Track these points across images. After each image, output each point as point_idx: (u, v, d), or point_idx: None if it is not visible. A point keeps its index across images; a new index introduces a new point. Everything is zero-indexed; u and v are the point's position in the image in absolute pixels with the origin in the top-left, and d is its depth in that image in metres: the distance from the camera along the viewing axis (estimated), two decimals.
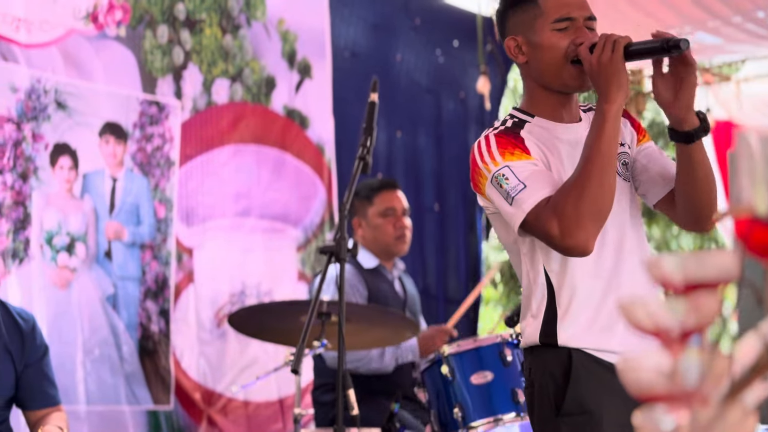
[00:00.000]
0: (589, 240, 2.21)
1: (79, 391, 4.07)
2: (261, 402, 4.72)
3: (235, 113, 4.77)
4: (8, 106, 3.94)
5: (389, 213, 4.27)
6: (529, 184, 2.25)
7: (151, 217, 4.42)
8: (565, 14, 2.34)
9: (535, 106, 2.41)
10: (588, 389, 2.31)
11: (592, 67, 2.25)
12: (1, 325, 3.13)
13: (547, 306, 2.35)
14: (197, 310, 4.55)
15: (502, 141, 2.33)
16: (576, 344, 2.33)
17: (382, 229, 4.26)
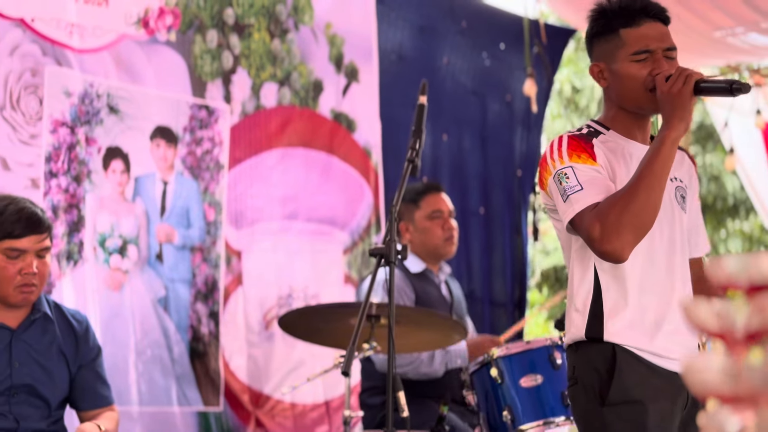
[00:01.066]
0: (624, 248, 2.38)
1: (132, 393, 4.12)
2: (308, 404, 4.75)
3: (283, 117, 4.81)
4: (62, 110, 4.01)
5: (436, 215, 4.28)
6: (585, 187, 2.44)
7: (200, 220, 4.47)
8: (644, 47, 2.53)
9: (612, 121, 2.60)
10: (632, 382, 2.45)
11: (663, 94, 2.45)
12: (56, 327, 3.18)
13: (594, 302, 2.49)
14: (246, 313, 4.59)
15: (573, 143, 2.52)
16: (620, 341, 2.47)
17: (430, 231, 4.27)
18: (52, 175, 3.96)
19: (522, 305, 5.70)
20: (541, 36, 5.67)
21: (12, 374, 3.06)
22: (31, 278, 3.03)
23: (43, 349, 3.13)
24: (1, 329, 3.09)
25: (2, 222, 3.00)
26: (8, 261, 3.02)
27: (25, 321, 3.12)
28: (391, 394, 2.74)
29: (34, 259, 3.04)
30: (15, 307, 3.10)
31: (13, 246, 3.01)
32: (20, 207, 3.04)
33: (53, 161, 3.97)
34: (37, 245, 3.05)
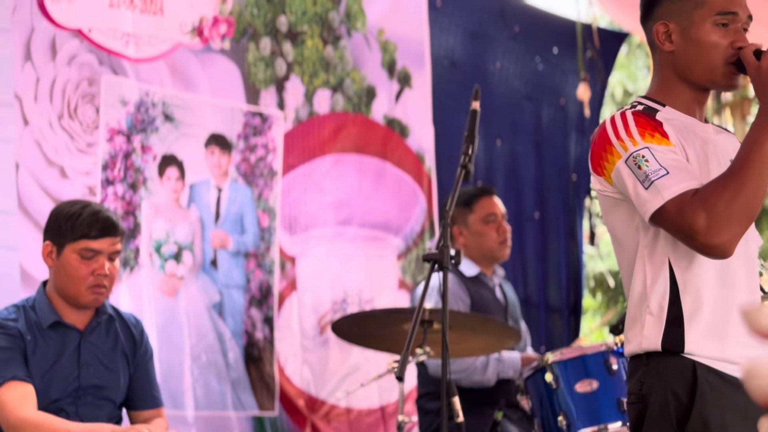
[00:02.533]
0: (732, 241, 2.09)
1: (188, 397, 4.16)
2: (363, 409, 4.76)
3: (337, 123, 4.83)
4: (118, 119, 4.07)
5: (491, 219, 4.27)
6: (672, 171, 2.12)
7: (254, 226, 4.50)
8: (728, 8, 2.22)
9: (668, 95, 2.28)
10: (713, 408, 2.16)
11: (761, 73, 2.14)
12: (119, 330, 3.23)
13: (671, 305, 2.19)
14: (300, 318, 4.61)
15: (641, 121, 2.19)
16: (701, 352, 2.17)
17: (485, 235, 4.26)
18: (108, 183, 4.02)
19: (577, 310, 5.65)
20: (594, 40, 5.63)
21: (80, 376, 3.11)
22: (103, 279, 3.09)
23: (108, 351, 3.18)
24: (71, 331, 3.14)
25: (79, 223, 3.07)
26: (82, 261, 3.08)
27: (92, 322, 3.18)
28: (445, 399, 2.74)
29: (106, 261, 3.10)
30: (83, 309, 3.15)
31: (88, 246, 3.07)
32: (96, 210, 3.12)
33: (110, 169, 4.02)
34: (111, 248, 3.11)
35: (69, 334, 3.14)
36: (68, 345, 3.12)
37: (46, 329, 3.10)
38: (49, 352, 3.09)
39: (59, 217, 3.12)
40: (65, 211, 3.12)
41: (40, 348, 3.08)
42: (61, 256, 3.10)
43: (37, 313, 3.12)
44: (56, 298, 3.15)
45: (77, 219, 3.08)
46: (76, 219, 3.08)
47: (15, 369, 3.00)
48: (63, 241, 3.09)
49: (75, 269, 3.08)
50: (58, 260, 3.11)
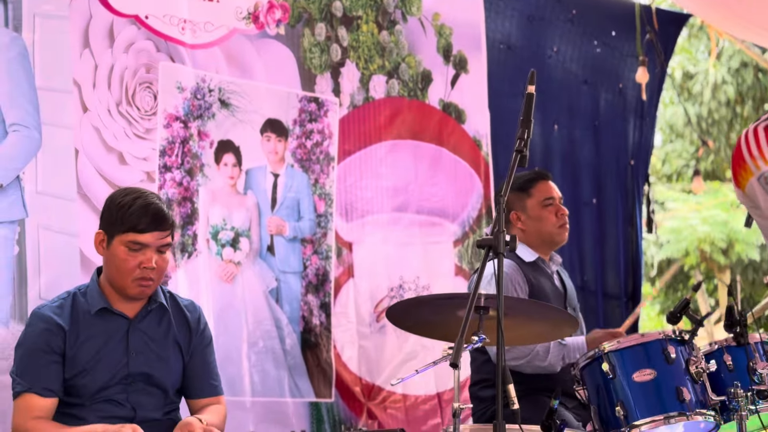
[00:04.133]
0: None
1: (245, 383, 4.18)
2: (419, 396, 4.75)
3: (392, 108, 4.81)
4: (176, 105, 4.09)
5: (549, 203, 4.22)
6: None
7: (311, 212, 4.51)
8: None
9: None
10: None
11: None
12: (172, 318, 3.25)
13: None
14: (357, 304, 4.61)
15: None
16: None
17: (544, 219, 4.21)
18: (166, 169, 4.05)
19: (636, 298, 5.58)
20: (653, 22, 5.54)
21: (129, 363, 3.13)
22: (150, 272, 3.10)
23: (159, 339, 3.20)
24: (119, 318, 3.16)
25: (129, 215, 3.07)
26: (129, 254, 3.09)
27: (142, 311, 3.20)
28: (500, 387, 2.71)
29: (154, 254, 3.10)
30: (132, 299, 3.17)
31: (136, 240, 3.08)
32: (148, 202, 3.11)
33: (167, 155, 4.05)
34: (159, 241, 3.11)
35: (117, 321, 3.16)
36: (116, 332, 3.14)
37: (94, 316, 3.13)
38: (96, 340, 3.12)
39: (111, 207, 3.13)
40: (117, 201, 3.12)
41: (85, 335, 3.11)
42: (111, 246, 3.11)
43: (87, 300, 3.15)
44: (107, 286, 3.17)
45: (127, 210, 3.08)
46: (126, 210, 3.08)
47: (34, 379, 3.05)
48: (113, 232, 3.10)
49: (122, 261, 3.09)
50: (108, 250, 3.12)
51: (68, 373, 3.08)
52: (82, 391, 3.09)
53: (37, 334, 3.08)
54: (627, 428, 3.22)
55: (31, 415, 3.02)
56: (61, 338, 3.08)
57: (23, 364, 3.08)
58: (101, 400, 3.09)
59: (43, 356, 3.06)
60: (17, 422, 3.05)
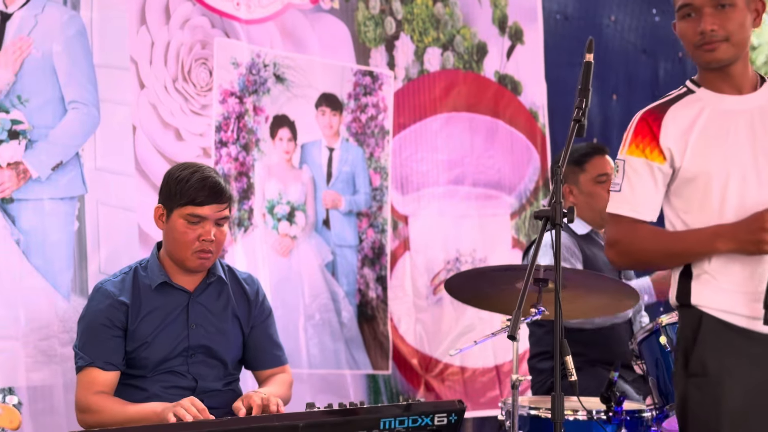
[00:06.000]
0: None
1: (302, 355, 4.21)
2: (477, 368, 4.74)
3: (448, 81, 4.78)
4: (231, 81, 4.11)
5: (602, 179, 4.16)
6: (623, 191, 2.72)
7: (366, 185, 4.51)
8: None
9: (701, 78, 2.82)
10: (712, 352, 2.58)
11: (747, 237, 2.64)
12: (230, 291, 3.27)
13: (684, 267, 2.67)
14: (413, 277, 4.61)
15: (640, 128, 2.74)
16: (706, 305, 2.62)
17: (596, 195, 4.16)
18: (222, 144, 4.07)
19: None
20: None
21: (189, 335, 3.17)
22: (209, 245, 3.13)
23: (218, 311, 3.23)
24: (179, 292, 3.20)
25: (187, 189, 3.11)
26: (188, 226, 3.12)
27: (201, 284, 3.23)
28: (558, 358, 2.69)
29: (213, 227, 3.13)
30: (190, 272, 3.20)
31: (194, 212, 3.11)
32: (205, 176, 3.14)
33: (223, 131, 4.07)
34: (217, 214, 3.14)
35: (177, 295, 3.19)
36: (176, 306, 3.18)
37: (154, 290, 3.17)
38: (157, 313, 3.16)
39: (170, 181, 3.17)
40: (176, 175, 3.16)
41: (146, 309, 3.15)
42: (170, 219, 3.15)
43: (147, 274, 3.19)
44: (167, 260, 3.21)
45: (186, 184, 3.11)
46: (184, 184, 3.11)
47: (97, 354, 3.09)
48: (172, 205, 3.14)
49: (181, 234, 3.12)
50: (167, 224, 3.16)
51: (130, 346, 3.12)
52: (144, 363, 3.13)
53: (99, 309, 3.12)
54: None
55: (94, 390, 3.07)
56: (123, 313, 3.12)
57: (86, 339, 3.13)
58: (163, 371, 3.14)
59: (105, 331, 3.10)
60: (80, 396, 3.10)
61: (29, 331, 3.52)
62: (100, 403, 3.04)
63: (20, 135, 3.55)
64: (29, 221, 3.56)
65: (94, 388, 3.07)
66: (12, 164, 3.53)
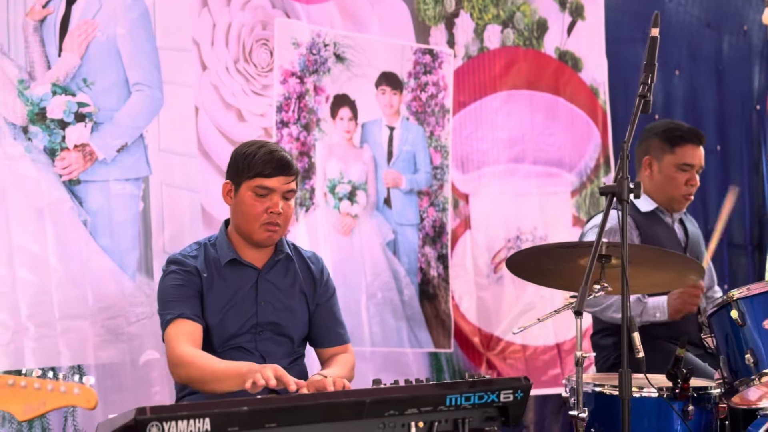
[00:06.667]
0: None
1: (364, 334, 4.23)
2: (539, 346, 4.73)
3: (508, 58, 4.76)
4: (292, 61, 4.12)
5: (686, 168, 4.10)
6: None
7: (427, 164, 4.50)
8: None
9: None
10: None
11: None
12: (298, 269, 3.30)
13: None
14: (474, 256, 4.61)
15: None
16: None
17: (674, 181, 4.10)
18: (283, 125, 4.09)
19: (762, 246, 5.43)
20: None
21: (258, 312, 3.20)
22: (276, 218, 3.16)
23: (286, 289, 3.26)
24: (248, 269, 3.23)
25: (255, 162, 3.15)
26: (256, 199, 3.16)
27: (270, 261, 3.26)
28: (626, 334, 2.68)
29: (280, 199, 3.17)
30: (260, 247, 3.23)
31: (262, 184, 3.15)
32: (272, 149, 3.19)
33: (284, 111, 4.09)
34: (285, 186, 3.17)
35: (246, 271, 3.22)
36: (245, 282, 3.21)
37: (224, 266, 3.21)
38: (227, 289, 3.19)
39: (237, 156, 3.21)
40: (243, 151, 3.20)
41: (217, 285, 3.18)
42: (238, 193, 3.18)
43: (216, 251, 3.23)
44: (235, 237, 3.24)
45: (253, 157, 3.15)
46: (252, 157, 3.15)
47: (184, 307, 3.12)
48: (240, 179, 3.18)
49: (250, 206, 3.16)
50: (235, 198, 3.20)
51: None
52: (214, 339, 3.17)
53: (177, 273, 3.17)
54: (757, 376, 3.15)
55: (183, 341, 3.06)
56: (199, 280, 3.17)
57: (168, 297, 3.15)
58: (231, 348, 3.17)
59: (186, 290, 3.14)
60: (171, 350, 3.07)
61: (97, 311, 3.58)
62: (190, 356, 3.03)
63: (86, 117, 3.61)
64: (96, 202, 3.62)
65: (183, 339, 3.06)
66: (79, 146, 3.59)
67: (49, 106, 3.53)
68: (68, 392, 2.24)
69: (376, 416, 2.53)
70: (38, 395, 2.24)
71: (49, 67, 3.54)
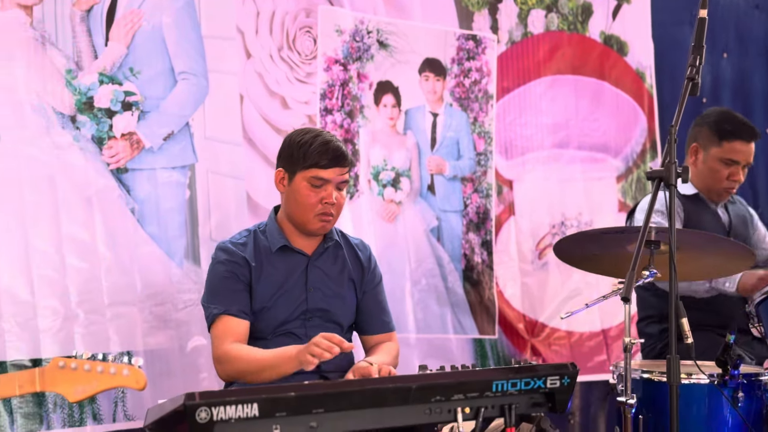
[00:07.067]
0: None
1: (409, 320, 4.23)
2: (584, 333, 4.71)
3: (552, 43, 4.72)
4: (335, 48, 4.12)
5: (731, 163, 4.03)
6: None
7: (470, 150, 4.49)
8: None
9: None
10: None
11: None
12: (346, 256, 3.31)
13: None
14: (518, 242, 4.59)
15: None
16: None
17: (716, 174, 4.04)
18: (327, 112, 4.10)
19: None
20: None
21: (307, 299, 3.21)
22: (330, 208, 3.17)
23: (335, 275, 3.27)
24: (298, 255, 3.25)
25: (311, 152, 3.15)
26: (311, 189, 3.17)
27: (319, 248, 3.27)
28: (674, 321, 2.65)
29: (334, 190, 3.17)
30: (311, 235, 3.25)
31: (318, 175, 3.15)
32: (327, 140, 3.18)
33: (328, 98, 4.10)
34: (339, 177, 3.18)
35: (296, 258, 3.24)
36: (295, 269, 3.23)
37: (274, 253, 3.22)
38: (277, 276, 3.21)
39: (292, 145, 3.20)
40: (298, 140, 3.20)
41: (267, 271, 3.20)
42: (292, 183, 3.19)
43: (267, 237, 3.24)
44: (286, 224, 3.26)
45: (309, 147, 3.15)
46: (308, 147, 3.15)
47: (230, 302, 3.14)
48: (294, 169, 3.18)
49: (304, 197, 3.16)
50: (289, 187, 3.20)
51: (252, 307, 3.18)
52: (264, 325, 3.19)
53: (225, 264, 3.19)
54: None
55: (229, 339, 3.10)
56: (248, 270, 3.18)
57: (214, 291, 3.18)
58: (281, 334, 3.19)
59: (233, 283, 3.17)
60: (216, 347, 3.12)
61: (145, 297, 3.61)
62: (235, 351, 3.08)
63: (133, 106, 3.64)
64: (143, 190, 3.65)
65: (229, 338, 3.11)
66: (126, 135, 3.62)
67: (97, 95, 3.57)
68: (118, 374, 2.27)
69: (422, 402, 2.54)
70: (88, 377, 2.27)
71: (96, 56, 3.57)
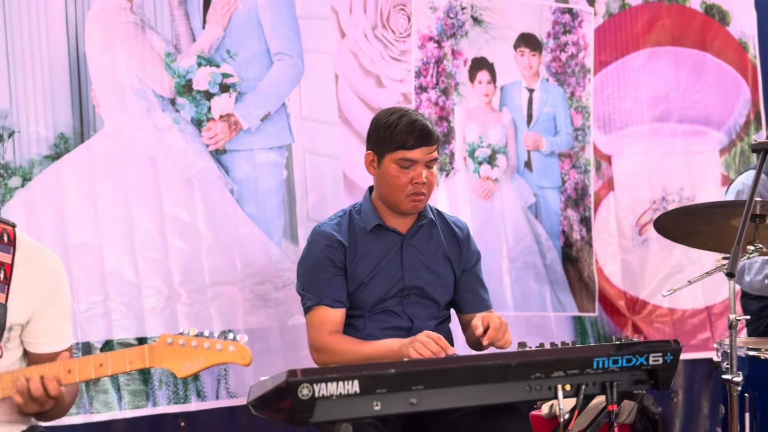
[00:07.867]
0: None
1: (507, 298, 4.21)
2: (687, 310, 4.62)
3: (650, 14, 4.62)
4: (429, 26, 4.11)
5: None
6: None
7: (568, 126, 4.43)
8: None
9: None
10: None
11: None
12: (441, 234, 3.31)
13: None
14: (618, 218, 4.52)
15: None
16: None
17: None
18: (422, 90, 4.09)
19: None
20: None
21: (404, 276, 3.23)
22: (421, 187, 3.17)
23: (430, 253, 3.28)
24: (393, 234, 3.26)
25: (397, 133, 3.15)
26: (400, 170, 3.17)
27: (413, 227, 3.28)
28: None
29: (424, 169, 3.17)
30: (404, 215, 3.25)
31: (405, 156, 3.16)
32: (413, 119, 3.17)
33: (422, 76, 4.09)
34: (427, 156, 3.17)
35: (391, 237, 3.25)
36: (390, 247, 3.24)
37: (369, 233, 3.24)
38: (372, 255, 3.22)
39: (378, 127, 3.21)
40: (384, 121, 3.20)
41: (362, 251, 3.22)
42: (381, 165, 3.19)
43: (362, 217, 3.26)
44: (379, 204, 3.27)
45: (395, 129, 3.15)
46: (393, 129, 3.15)
47: (325, 291, 3.17)
48: (382, 151, 3.19)
49: (394, 178, 3.17)
50: (378, 169, 3.21)
51: (349, 287, 3.21)
52: (362, 303, 3.21)
53: (320, 250, 3.22)
54: None
55: (327, 330, 3.16)
56: (342, 253, 3.21)
57: (310, 279, 3.22)
58: (379, 311, 3.21)
59: (328, 270, 3.20)
60: (314, 336, 3.19)
61: (245, 277, 3.67)
62: (335, 343, 3.13)
63: (230, 88, 3.68)
64: (242, 171, 3.70)
65: (326, 328, 3.16)
66: (224, 116, 3.67)
67: (195, 77, 3.62)
68: (224, 350, 2.31)
69: (522, 379, 2.53)
70: (196, 353, 2.31)
71: (194, 39, 3.63)
